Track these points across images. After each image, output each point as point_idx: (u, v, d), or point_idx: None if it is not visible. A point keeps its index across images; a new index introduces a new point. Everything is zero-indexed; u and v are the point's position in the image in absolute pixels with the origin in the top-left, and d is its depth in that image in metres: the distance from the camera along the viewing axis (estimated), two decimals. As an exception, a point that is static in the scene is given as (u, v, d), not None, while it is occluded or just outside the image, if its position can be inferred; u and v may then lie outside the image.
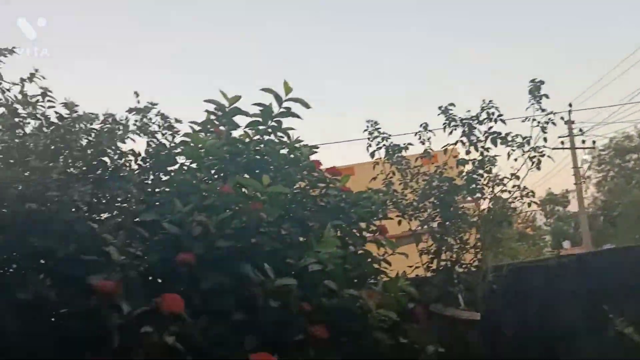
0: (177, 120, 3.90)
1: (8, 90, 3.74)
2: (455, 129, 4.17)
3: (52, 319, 2.84)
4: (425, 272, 4.20)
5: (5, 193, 3.06)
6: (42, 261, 3.08)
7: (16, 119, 3.62)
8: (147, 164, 3.89)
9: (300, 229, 3.56)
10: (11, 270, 3.16)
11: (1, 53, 3.73)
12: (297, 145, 3.94)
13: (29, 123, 3.68)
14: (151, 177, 3.88)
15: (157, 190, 3.72)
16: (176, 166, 3.91)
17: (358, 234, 3.91)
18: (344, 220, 3.81)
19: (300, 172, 3.85)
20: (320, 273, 3.28)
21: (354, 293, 3.22)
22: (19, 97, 3.69)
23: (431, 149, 4.36)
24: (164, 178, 3.87)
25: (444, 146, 4.25)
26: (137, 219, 3.29)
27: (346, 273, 3.43)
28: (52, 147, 3.21)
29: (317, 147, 4.12)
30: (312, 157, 4.06)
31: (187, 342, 2.60)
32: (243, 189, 3.35)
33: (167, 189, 3.58)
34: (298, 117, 3.48)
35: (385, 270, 3.82)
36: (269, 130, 3.63)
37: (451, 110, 4.24)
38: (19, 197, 3.01)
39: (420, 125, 4.30)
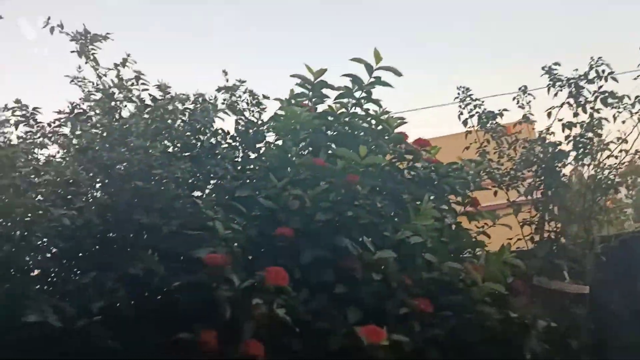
0: (264, 97, 3.89)
1: (104, 75, 3.89)
2: (561, 90, 3.88)
3: (161, 293, 2.93)
4: (527, 244, 3.99)
5: (111, 173, 3.19)
6: (146, 237, 3.18)
7: (113, 103, 3.76)
8: (237, 142, 3.92)
9: (393, 202, 3.49)
10: (114, 246, 3.31)
11: (96, 39, 3.87)
12: (383, 117, 3.85)
13: (125, 106, 3.81)
14: (240, 154, 3.92)
15: (247, 167, 3.75)
16: (263, 143, 3.94)
17: (451, 207, 3.78)
18: (436, 193, 3.70)
19: (389, 144, 3.76)
20: (417, 246, 3.20)
21: (455, 266, 3.11)
22: (115, 81, 3.83)
23: (531, 114, 4.10)
24: (252, 155, 3.90)
25: (548, 109, 3.97)
26: (234, 195, 3.33)
27: (443, 246, 3.32)
28: (152, 127, 3.30)
29: (404, 119, 4.00)
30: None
31: (291, 315, 2.61)
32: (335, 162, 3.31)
33: (259, 165, 3.59)
34: (390, 85, 3.37)
35: (482, 242, 3.68)
36: (360, 101, 3.54)
37: (556, 70, 3.95)
38: (124, 176, 3.12)
39: (519, 89, 4.05)
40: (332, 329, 2.70)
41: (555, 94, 3.91)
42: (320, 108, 3.82)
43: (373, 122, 3.75)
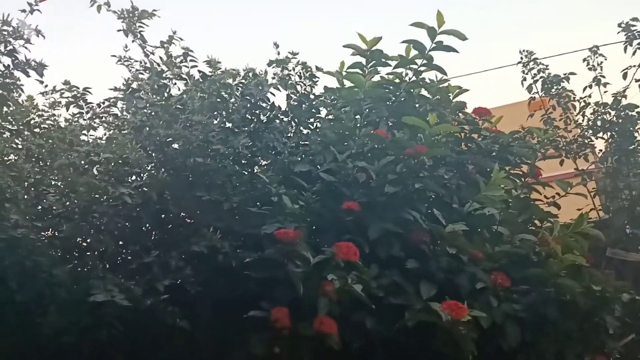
0: (318, 69, 3.75)
1: (152, 53, 3.81)
2: (640, 48, 3.61)
3: (226, 271, 2.86)
4: (598, 214, 3.79)
5: (168, 150, 3.12)
6: (206, 214, 3.11)
7: (162, 81, 3.67)
8: (289, 116, 3.81)
9: (456, 173, 3.34)
10: (170, 225, 3.25)
11: (143, 16, 3.77)
12: (442, 85, 3.68)
13: (175, 84, 3.73)
14: (292, 129, 3.81)
15: (302, 142, 3.64)
16: (315, 118, 3.83)
17: (516, 177, 3.61)
18: (499, 163, 3.52)
19: (450, 114, 3.60)
20: (488, 218, 3.06)
21: (529, 238, 2.96)
22: (164, 58, 3.74)
23: (602, 76, 3.85)
24: (304, 131, 3.79)
25: (624, 69, 3.72)
26: (292, 171, 3.23)
27: (514, 217, 3.17)
28: (208, 103, 3.20)
29: (460, 87, 3.82)
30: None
31: (363, 291, 2.51)
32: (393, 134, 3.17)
33: (315, 140, 3.47)
34: (455, 50, 3.18)
35: (551, 213, 3.51)
36: (418, 70, 3.37)
37: (634, 26, 3.68)
38: (182, 152, 3.05)
39: (590, 49, 3.79)
40: (406, 305, 2.58)
41: (634, 53, 3.65)
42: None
43: (431, 91, 3.59)
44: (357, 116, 3.47)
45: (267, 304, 2.57)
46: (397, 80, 3.52)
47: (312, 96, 3.81)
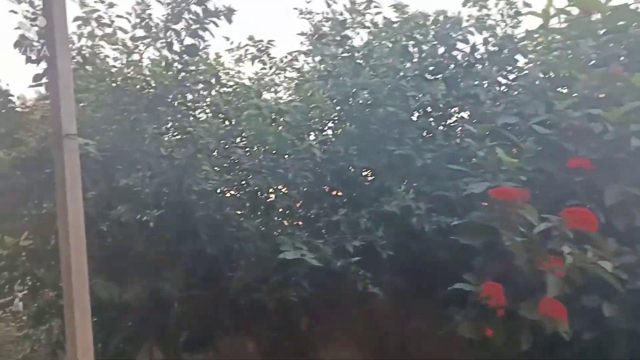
0: (525, 4, 3.16)
1: (334, 2, 3.58)
2: None
3: (418, 234, 2.53)
4: None
5: (355, 100, 2.85)
6: (396, 171, 2.79)
7: (345, 32, 3.42)
8: (485, 63, 3.29)
9: None
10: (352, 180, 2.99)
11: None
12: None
13: (358, 33, 3.46)
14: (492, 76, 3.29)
15: (503, 89, 3.12)
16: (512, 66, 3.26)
17: None
18: None
19: None
20: None
21: None
22: (347, 5, 3.49)
23: None
24: (503, 81, 3.25)
25: None
26: (492, 122, 2.75)
27: None
28: (400, 46, 2.84)
29: None
30: None
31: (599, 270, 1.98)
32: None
33: (521, 87, 2.93)
34: None
35: None
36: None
37: None
38: (370, 103, 2.76)
39: None
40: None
41: None
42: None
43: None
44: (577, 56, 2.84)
45: (471, 277, 2.18)
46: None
47: (515, 39, 3.24)
